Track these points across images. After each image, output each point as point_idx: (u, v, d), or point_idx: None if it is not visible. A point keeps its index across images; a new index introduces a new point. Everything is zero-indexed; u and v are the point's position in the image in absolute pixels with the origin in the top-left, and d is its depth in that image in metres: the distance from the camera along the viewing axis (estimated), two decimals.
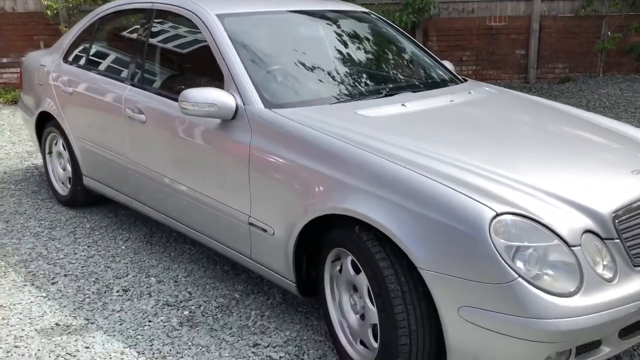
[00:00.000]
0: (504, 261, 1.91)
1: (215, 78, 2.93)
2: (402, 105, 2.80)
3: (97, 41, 3.93)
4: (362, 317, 2.40)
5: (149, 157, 3.27)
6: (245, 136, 2.69)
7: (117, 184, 3.66)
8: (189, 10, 3.18)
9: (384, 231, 2.11)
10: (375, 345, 2.27)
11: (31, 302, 3.03)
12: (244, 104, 2.74)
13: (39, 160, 5.49)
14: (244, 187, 2.70)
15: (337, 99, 2.90)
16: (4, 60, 8.72)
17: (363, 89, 3.06)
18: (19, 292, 3.13)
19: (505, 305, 1.90)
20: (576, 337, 1.92)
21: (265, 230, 2.65)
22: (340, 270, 2.47)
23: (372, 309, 2.26)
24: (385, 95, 2.98)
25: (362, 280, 2.31)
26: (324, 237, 2.47)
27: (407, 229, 2.07)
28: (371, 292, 2.21)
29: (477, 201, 2.00)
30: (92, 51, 3.93)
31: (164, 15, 3.40)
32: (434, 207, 2.04)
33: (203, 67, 3.15)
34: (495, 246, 1.92)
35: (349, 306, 2.46)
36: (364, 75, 3.21)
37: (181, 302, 3.03)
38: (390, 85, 3.18)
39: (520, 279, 1.90)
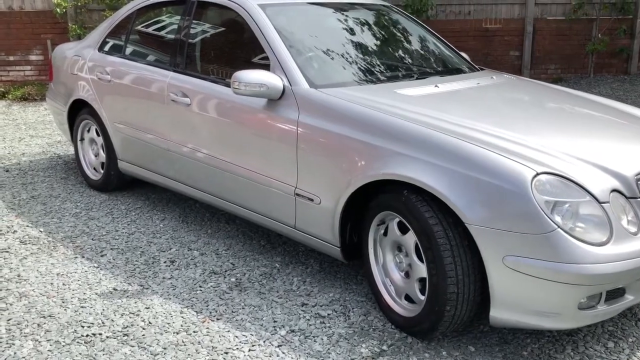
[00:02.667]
0: (545, 214, 2.17)
1: (257, 62, 3.17)
2: (435, 86, 3.07)
3: (135, 31, 4.15)
4: (407, 274, 2.64)
5: (193, 137, 3.49)
6: (293, 114, 2.93)
7: (156, 166, 3.87)
8: (232, 1, 3.42)
9: (434, 192, 2.36)
10: (422, 297, 2.52)
11: (85, 271, 3.23)
12: (290, 85, 2.98)
13: (60, 151, 5.68)
14: (291, 160, 2.94)
15: (373, 80, 3.16)
16: (11, 58, 8.85)
17: (396, 73, 3.33)
18: (72, 263, 3.33)
19: (546, 253, 2.16)
20: (607, 280, 2.18)
21: (311, 200, 2.89)
22: (385, 233, 2.71)
23: (419, 264, 2.51)
24: (417, 78, 3.25)
25: (409, 239, 2.56)
26: (369, 203, 2.71)
27: (455, 190, 2.32)
28: (420, 248, 2.45)
29: (519, 162, 2.26)
30: (131, 41, 4.14)
31: (206, 5, 3.63)
32: (480, 169, 2.30)
33: (245, 52, 3.40)
34: (536, 201, 2.18)
35: (394, 265, 2.71)
36: (395, 61, 3.48)
37: (226, 271, 3.25)
38: (420, 70, 3.46)
39: (559, 229, 2.16)
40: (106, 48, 4.30)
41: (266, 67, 3.11)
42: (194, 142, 3.50)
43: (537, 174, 2.23)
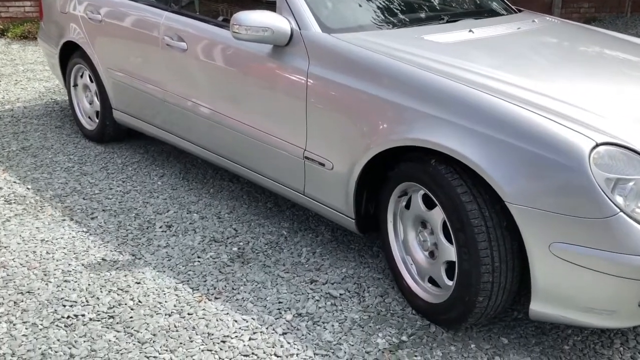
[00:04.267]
0: (605, 194, 1.78)
1: (266, 1, 2.74)
2: (470, 31, 2.63)
3: None
4: (432, 254, 2.29)
5: (190, 88, 3.10)
6: (302, 63, 2.52)
7: (152, 117, 3.50)
8: None
9: (468, 163, 1.97)
10: (450, 283, 2.17)
11: (73, 236, 2.92)
12: (299, 29, 2.56)
13: (57, 96, 5.31)
14: (299, 118, 2.55)
15: (397, 24, 2.72)
16: None
17: (421, 15, 2.87)
18: (59, 226, 3.02)
19: (604, 241, 1.79)
20: None
21: (322, 165, 2.52)
22: (407, 206, 2.35)
23: (447, 246, 2.15)
24: (448, 22, 2.80)
25: (436, 215, 2.19)
26: (390, 171, 2.34)
27: (493, 161, 1.93)
28: (450, 228, 2.08)
29: (575, 131, 1.86)
30: None
31: None
32: (525, 137, 1.89)
33: None
34: (595, 178, 1.79)
35: (416, 243, 2.35)
36: (422, 0, 3.01)
37: (228, 238, 2.92)
38: (450, 12, 3.00)
39: (621, 213, 1.77)
40: None
41: (273, 7, 2.68)
42: (192, 93, 3.10)
43: (597, 145, 1.83)
